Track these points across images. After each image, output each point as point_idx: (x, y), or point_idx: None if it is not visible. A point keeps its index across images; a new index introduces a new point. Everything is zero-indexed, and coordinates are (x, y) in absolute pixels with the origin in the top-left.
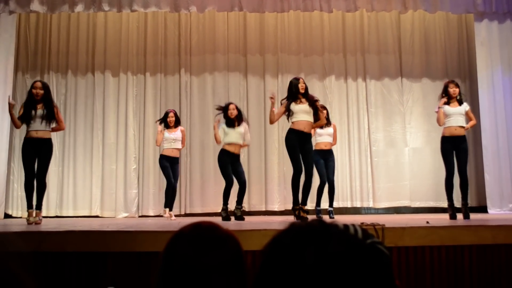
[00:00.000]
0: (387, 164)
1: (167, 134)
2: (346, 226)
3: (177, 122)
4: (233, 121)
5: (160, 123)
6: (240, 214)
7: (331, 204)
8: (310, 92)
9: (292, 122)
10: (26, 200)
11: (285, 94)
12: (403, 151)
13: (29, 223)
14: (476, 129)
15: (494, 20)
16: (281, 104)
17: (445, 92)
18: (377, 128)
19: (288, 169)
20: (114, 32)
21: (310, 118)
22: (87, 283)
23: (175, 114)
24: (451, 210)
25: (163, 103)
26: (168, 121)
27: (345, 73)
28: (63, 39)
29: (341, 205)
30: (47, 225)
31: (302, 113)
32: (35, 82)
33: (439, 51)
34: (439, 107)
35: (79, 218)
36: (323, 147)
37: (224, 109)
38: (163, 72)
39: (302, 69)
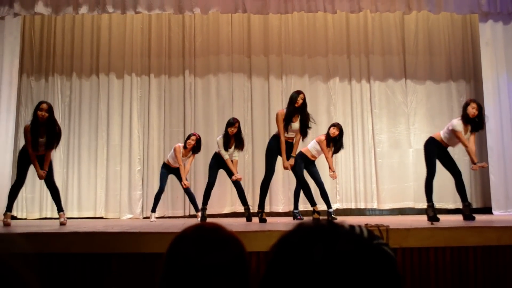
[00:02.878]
0: (391, 165)
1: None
2: (351, 227)
3: (196, 149)
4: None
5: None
6: (247, 215)
7: (329, 206)
8: (314, 93)
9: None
10: (8, 203)
11: (288, 96)
12: (407, 152)
13: (5, 224)
14: (481, 130)
15: (499, 21)
16: (278, 115)
17: (464, 111)
18: (381, 129)
19: None
20: (118, 34)
21: (294, 135)
22: (91, 284)
23: (198, 141)
24: (433, 212)
25: (168, 105)
26: (187, 143)
27: (349, 74)
28: (67, 41)
29: (345, 206)
30: (51, 226)
31: (291, 131)
32: (41, 103)
33: (443, 52)
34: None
35: (84, 220)
36: (310, 157)
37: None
38: (167, 73)
39: (306, 71)
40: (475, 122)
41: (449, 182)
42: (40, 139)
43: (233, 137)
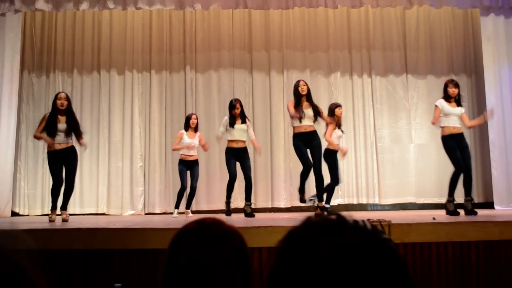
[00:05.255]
0: (392, 160)
1: (186, 138)
2: (355, 222)
3: (197, 128)
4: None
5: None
6: (250, 211)
7: (324, 199)
8: (316, 88)
9: (294, 127)
10: (52, 202)
11: (289, 91)
12: (408, 147)
13: (50, 220)
14: (482, 125)
15: (501, 15)
16: (290, 107)
17: (445, 92)
18: (383, 124)
19: (294, 165)
20: (119, 30)
21: (311, 122)
22: (94, 280)
23: (197, 118)
24: (453, 207)
25: (169, 101)
26: (191, 122)
27: (350, 70)
28: (68, 37)
29: (347, 202)
30: (54, 223)
31: (306, 118)
32: (59, 93)
33: (444, 46)
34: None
35: (86, 216)
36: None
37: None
38: (169, 69)
39: (307, 66)
40: (456, 99)
41: None
42: (59, 124)
43: (239, 116)
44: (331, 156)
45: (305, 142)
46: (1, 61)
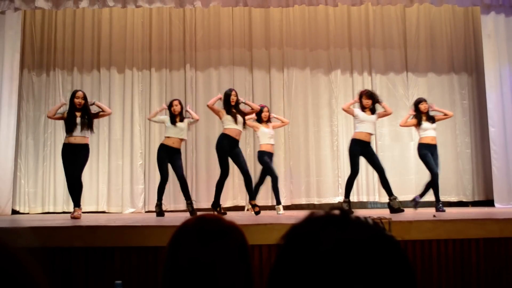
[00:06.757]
0: (392, 158)
1: (264, 129)
2: (358, 217)
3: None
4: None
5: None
6: (191, 210)
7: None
8: (316, 86)
9: (224, 129)
10: (72, 200)
11: (289, 89)
12: (409, 145)
13: (72, 217)
14: (483, 123)
15: (501, 13)
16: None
17: (360, 102)
18: (383, 122)
19: (294, 163)
20: (119, 28)
21: (239, 127)
22: (94, 277)
23: (269, 111)
24: (349, 207)
25: (169, 99)
26: (263, 116)
27: (350, 68)
28: (68, 35)
29: None
30: (54, 221)
31: (232, 122)
32: (77, 91)
33: (445, 44)
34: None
35: (86, 214)
36: (432, 142)
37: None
38: (169, 67)
39: (307, 63)
40: (371, 109)
41: (452, 175)
42: (75, 120)
43: (178, 114)
44: (421, 150)
45: (230, 147)
46: (1, 59)
